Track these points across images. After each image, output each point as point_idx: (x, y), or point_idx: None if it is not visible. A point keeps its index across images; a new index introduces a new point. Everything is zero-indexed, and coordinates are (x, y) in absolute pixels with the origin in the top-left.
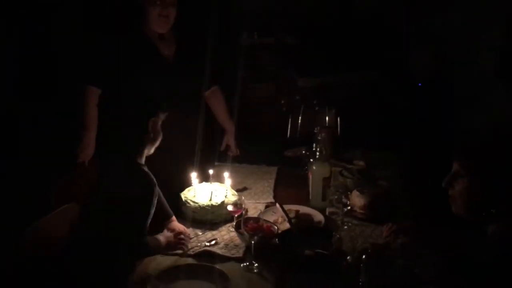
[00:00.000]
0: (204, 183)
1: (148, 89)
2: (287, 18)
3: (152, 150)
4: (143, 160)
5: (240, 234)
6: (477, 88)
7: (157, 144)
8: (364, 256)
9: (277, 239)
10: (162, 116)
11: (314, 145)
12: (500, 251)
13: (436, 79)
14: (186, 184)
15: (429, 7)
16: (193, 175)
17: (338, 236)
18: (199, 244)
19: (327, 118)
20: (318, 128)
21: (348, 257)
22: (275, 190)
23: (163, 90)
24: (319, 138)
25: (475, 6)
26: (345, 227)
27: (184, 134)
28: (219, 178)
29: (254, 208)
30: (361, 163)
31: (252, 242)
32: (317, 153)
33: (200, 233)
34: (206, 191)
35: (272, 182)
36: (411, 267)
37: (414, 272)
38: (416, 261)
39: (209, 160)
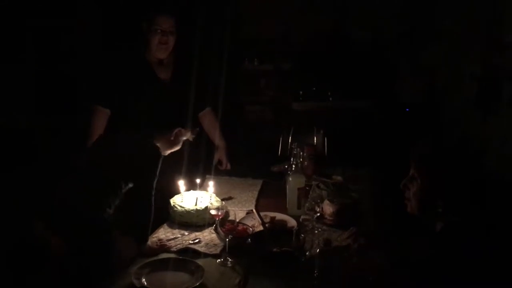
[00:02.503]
0: (191, 191)
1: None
2: (286, 46)
3: (166, 153)
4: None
5: (217, 233)
6: (459, 114)
7: (173, 150)
8: (318, 251)
9: (249, 239)
10: (189, 135)
11: (291, 159)
12: (444, 246)
13: (424, 106)
14: (176, 191)
15: (420, 40)
16: (181, 183)
17: (302, 236)
18: (183, 242)
19: (315, 138)
20: (296, 144)
21: (307, 253)
22: (258, 200)
23: (156, 111)
24: (295, 152)
25: (459, 39)
26: (316, 231)
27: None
28: (206, 188)
29: (236, 215)
30: (339, 178)
31: (227, 240)
32: (293, 166)
33: (187, 233)
34: (193, 197)
35: (256, 192)
36: (360, 263)
37: (361, 268)
38: (368, 259)
39: (198, 171)
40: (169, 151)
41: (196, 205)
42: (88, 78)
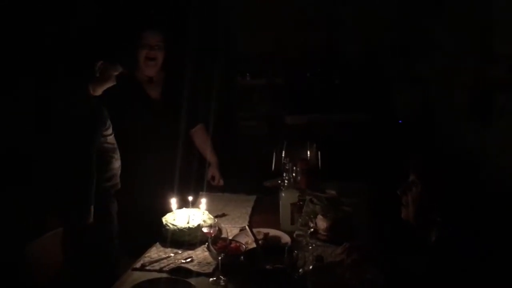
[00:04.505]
0: (184, 208)
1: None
2: (278, 61)
3: (99, 91)
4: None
5: (209, 251)
6: (453, 125)
7: (104, 87)
8: (311, 268)
9: (242, 257)
10: (119, 68)
11: (284, 174)
12: (439, 258)
13: (418, 118)
14: (168, 210)
15: (413, 52)
16: (173, 201)
17: (295, 252)
18: (175, 261)
19: (308, 152)
20: (288, 159)
21: (300, 270)
22: (251, 216)
23: (148, 130)
24: (287, 168)
25: (452, 51)
26: (310, 247)
27: (166, 166)
28: (198, 205)
29: (229, 232)
30: (333, 192)
31: (219, 258)
32: (286, 181)
33: (180, 252)
34: (185, 215)
35: (249, 209)
36: (352, 279)
37: (353, 283)
38: (361, 274)
39: (190, 188)
40: (101, 89)
41: (188, 223)
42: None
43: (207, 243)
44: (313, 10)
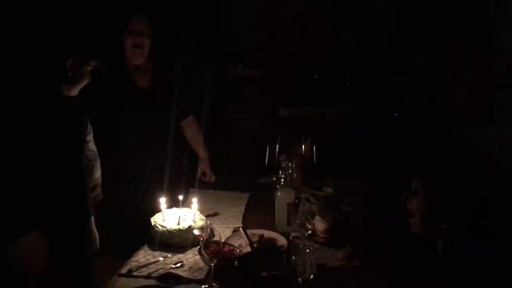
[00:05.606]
0: (174, 208)
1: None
2: (272, 52)
3: (74, 92)
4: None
5: (201, 255)
6: (452, 122)
7: (79, 86)
8: (312, 277)
9: (236, 262)
10: (92, 63)
11: (280, 172)
12: (447, 267)
13: (415, 113)
14: (157, 209)
15: (413, 47)
16: (162, 201)
17: (293, 258)
18: (165, 266)
19: (303, 147)
20: (284, 156)
21: (299, 279)
22: (245, 216)
23: (135, 120)
24: (283, 165)
25: (453, 47)
26: (307, 250)
27: (155, 162)
28: (189, 204)
29: (222, 233)
30: (330, 190)
31: (212, 264)
32: (282, 180)
33: (169, 256)
34: (175, 216)
35: (242, 208)
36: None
37: None
38: (365, 282)
39: (181, 186)
40: (75, 89)
41: (178, 224)
42: None
43: (198, 247)
44: (312, 8)
